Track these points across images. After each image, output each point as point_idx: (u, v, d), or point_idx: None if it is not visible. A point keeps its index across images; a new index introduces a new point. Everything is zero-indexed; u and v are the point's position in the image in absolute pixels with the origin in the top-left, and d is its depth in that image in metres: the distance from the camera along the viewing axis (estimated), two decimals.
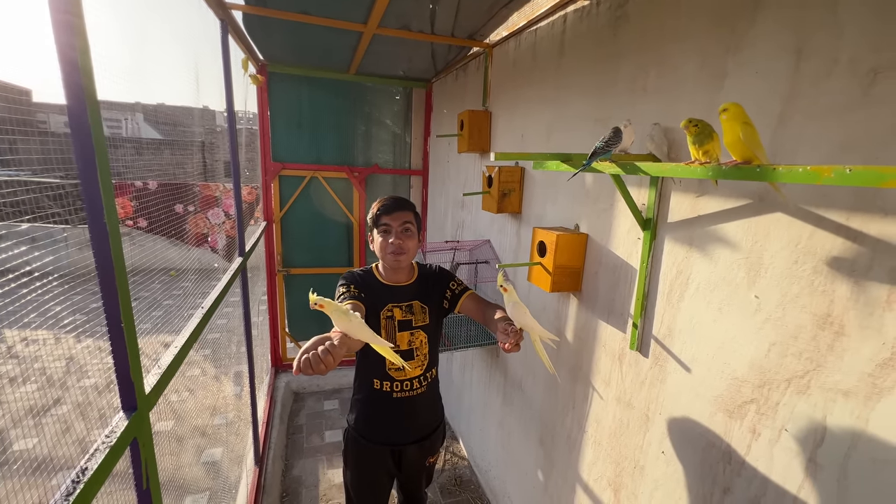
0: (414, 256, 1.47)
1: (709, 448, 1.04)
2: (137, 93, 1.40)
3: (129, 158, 3.23)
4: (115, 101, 1.37)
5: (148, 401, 0.88)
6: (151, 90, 1.56)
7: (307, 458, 2.74)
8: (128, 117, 12.91)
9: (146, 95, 1.65)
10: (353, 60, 2.73)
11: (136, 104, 6.93)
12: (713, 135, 0.75)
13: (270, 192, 3.19)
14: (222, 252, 3.19)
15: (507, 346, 1.09)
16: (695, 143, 0.75)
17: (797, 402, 0.85)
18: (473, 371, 2.66)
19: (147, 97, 1.78)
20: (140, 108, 7.54)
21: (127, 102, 5.15)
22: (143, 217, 3.69)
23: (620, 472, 1.35)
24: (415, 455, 1.55)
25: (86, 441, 1.33)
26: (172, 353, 1.07)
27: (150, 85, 1.49)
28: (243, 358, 2.33)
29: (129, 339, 0.81)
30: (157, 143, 3.43)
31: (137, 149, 3.68)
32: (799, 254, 0.84)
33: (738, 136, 0.65)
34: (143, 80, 1.38)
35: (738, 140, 0.65)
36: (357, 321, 0.99)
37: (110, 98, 1.08)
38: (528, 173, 1.89)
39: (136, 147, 3.96)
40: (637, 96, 1.24)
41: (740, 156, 0.67)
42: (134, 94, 1.36)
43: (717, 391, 1.01)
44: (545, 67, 1.73)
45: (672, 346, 1.14)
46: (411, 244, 1.41)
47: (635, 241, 1.26)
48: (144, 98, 1.80)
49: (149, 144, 3.68)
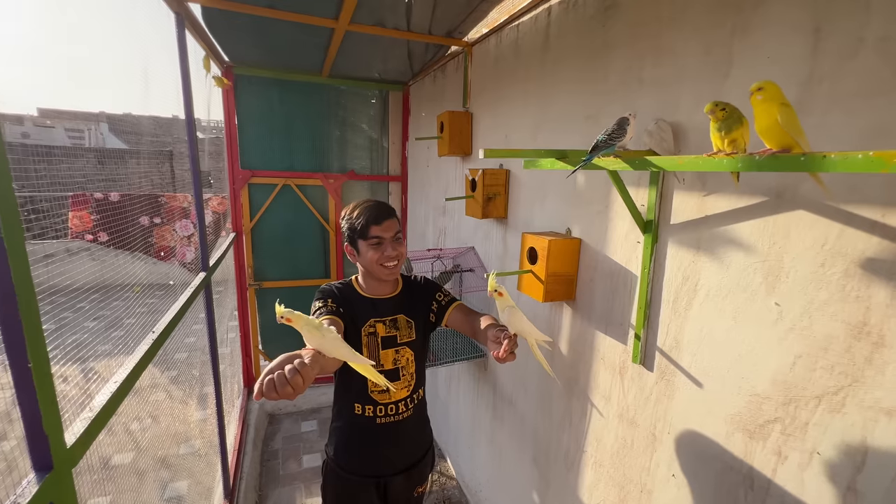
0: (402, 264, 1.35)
1: (726, 471, 0.94)
2: (93, 99, 1.23)
3: (90, 170, 2.98)
4: (79, 111, 1.21)
5: (70, 456, 0.72)
6: (108, 97, 1.39)
7: (283, 486, 2.54)
8: (91, 127, 12.33)
9: (108, 104, 1.48)
10: (325, 61, 2.59)
11: (100, 114, 6.73)
12: (743, 120, 0.65)
13: (240, 201, 3.00)
14: (191, 266, 2.97)
15: (501, 353, 0.96)
16: (720, 130, 0.65)
17: (830, 422, 0.75)
18: (460, 385, 2.52)
19: (113, 107, 1.61)
20: (105, 118, 7.30)
21: (91, 112, 4.92)
22: (103, 230, 3.44)
23: (625, 497, 1.24)
24: (402, 486, 1.40)
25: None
26: (110, 390, 0.91)
27: (107, 90, 1.33)
28: (210, 379, 2.14)
29: (41, 383, 0.65)
30: (120, 153, 3.21)
31: (100, 158, 3.44)
32: (826, 255, 0.75)
33: (774, 119, 0.55)
34: (99, 86, 1.20)
35: (775, 124, 0.55)
36: (331, 336, 0.86)
37: (71, 108, 0.92)
38: (514, 176, 1.79)
39: (98, 157, 3.70)
40: (632, 89, 1.15)
41: (777, 143, 0.57)
42: (90, 100, 1.18)
43: (734, 409, 0.92)
44: (529, 65, 1.64)
45: (680, 359, 1.04)
46: (404, 252, 1.30)
47: (634, 244, 1.16)
48: (110, 108, 1.62)
49: (112, 154, 3.45)
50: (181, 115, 1.88)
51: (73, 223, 4.14)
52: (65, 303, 1.44)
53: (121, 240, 2.05)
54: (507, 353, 0.96)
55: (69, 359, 1.31)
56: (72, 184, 2.22)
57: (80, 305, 1.55)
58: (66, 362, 1.27)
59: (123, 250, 2.28)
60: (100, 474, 1.98)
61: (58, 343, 1.20)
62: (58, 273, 1.46)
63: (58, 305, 1.42)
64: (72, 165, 2.00)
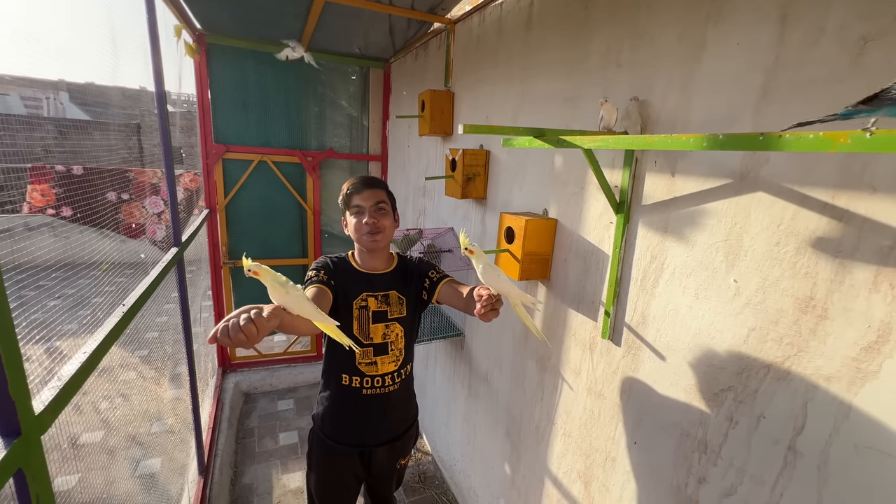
0: (391, 237, 1.36)
1: (684, 438, 1.01)
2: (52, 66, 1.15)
3: (51, 141, 2.83)
4: (35, 78, 1.11)
5: (39, 422, 0.71)
6: (69, 65, 1.30)
7: (259, 463, 2.55)
8: (49, 96, 11.55)
9: (68, 72, 1.39)
10: (303, 32, 2.51)
11: (59, 82, 6.27)
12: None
13: (213, 177, 2.91)
14: (162, 244, 2.89)
15: (479, 308, 0.95)
16: None
17: (777, 389, 0.82)
18: (437, 364, 2.57)
19: (74, 75, 1.51)
20: (64, 87, 6.83)
21: (48, 80, 4.69)
22: (67, 205, 3.31)
23: (591, 465, 1.31)
24: (385, 457, 1.44)
25: None
26: (79, 360, 0.89)
27: (65, 56, 1.24)
28: (184, 358, 2.11)
29: (5, 346, 0.63)
30: (83, 125, 3.04)
31: (60, 130, 3.26)
32: (781, 235, 0.80)
33: None
34: (56, 52, 1.13)
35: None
36: (296, 294, 0.85)
37: (23, 74, 0.86)
38: (493, 157, 1.80)
39: (59, 127, 3.50)
40: (610, 72, 1.17)
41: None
42: (48, 67, 1.11)
43: (693, 379, 0.98)
44: (511, 44, 1.63)
45: (646, 334, 1.09)
46: (387, 223, 1.30)
47: (607, 225, 1.20)
48: (70, 76, 1.52)
49: (73, 125, 3.28)
50: (150, 87, 1.80)
51: (31, 196, 3.93)
52: (24, 279, 1.39)
53: (86, 215, 1.96)
54: (485, 309, 0.95)
55: (30, 339, 1.27)
56: (30, 156, 2.11)
57: (41, 283, 1.50)
58: (28, 342, 1.23)
59: (89, 226, 2.20)
60: (67, 452, 1.94)
61: (19, 322, 1.16)
62: (17, 249, 1.40)
63: (17, 283, 1.37)
64: (30, 136, 1.89)
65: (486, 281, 1.00)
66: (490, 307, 0.96)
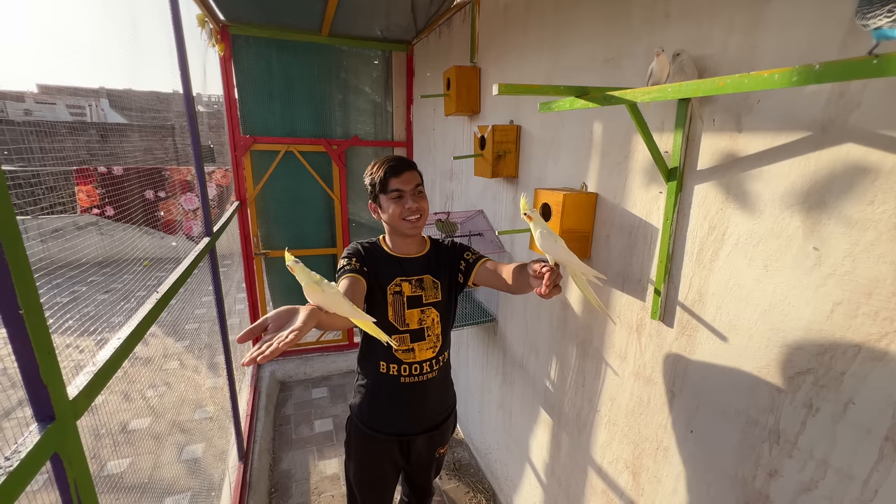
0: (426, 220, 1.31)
1: (750, 426, 0.91)
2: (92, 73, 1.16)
3: (95, 145, 2.92)
4: (78, 87, 1.15)
5: (73, 408, 0.70)
6: (105, 70, 1.31)
7: (296, 449, 2.59)
8: (91, 103, 12.24)
9: (107, 80, 1.42)
10: (324, 18, 2.47)
11: (100, 90, 6.57)
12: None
13: (242, 169, 2.93)
14: (197, 240, 2.97)
15: (544, 288, 0.86)
16: None
17: (870, 371, 0.71)
18: (469, 351, 2.52)
19: (112, 83, 1.53)
20: (104, 94, 7.16)
21: (90, 88, 4.75)
22: (110, 205, 3.41)
23: (640, 454, 1.22)
24: (424, 446, 1.41)
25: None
26: (114, 346, 0.88)
27: (103, 63, 1.25)
28: (220, 348, 2.14)
29: (35, 331, 0.62)
30: (122, 128, 3.15)
31: (102, 133, 3.38)
32: (876, 192, 0.68)
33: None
34: (94, 59, 1.13)
35: None
36: (332, 292, 0.82)
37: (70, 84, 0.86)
38: (525, 132, 1.70)
39: (100, 131, 3.63)
40: (658, 24, 1.05)
41: None
42: (87, 74, 1.12)
43: (761, 362, 0.87)
44: (542, 8, 1.52)
45: (703, 314, 0.99)
46: (427, 206, 1.26)
47: (656, 196, 1.10)
48: (109, 84, 1.55)
49: (114, 129, 3.41)
50: (179, 88, 1.80)
51: (79, 198, 4.12)
52: (76, 275, 1.43)
53: (127, 214, 2.02)
54: (549, 288, 0.86)
55: (84, 332, 1.31)
56: (76, 159, 2.18)
57: (91, 279, 1.55)
58: (81, 335, 1.27)
59: (131, 224, 2.25)
60: (119, 437, 2.00)
61: (73, 315, 1.20)
62: (69, 248, 1.45)
63: (70, 279, 1.41)
64: (76, 140, 1.96)
65: (543, 248, 0.91)
66: (553, 283, 0.87)
